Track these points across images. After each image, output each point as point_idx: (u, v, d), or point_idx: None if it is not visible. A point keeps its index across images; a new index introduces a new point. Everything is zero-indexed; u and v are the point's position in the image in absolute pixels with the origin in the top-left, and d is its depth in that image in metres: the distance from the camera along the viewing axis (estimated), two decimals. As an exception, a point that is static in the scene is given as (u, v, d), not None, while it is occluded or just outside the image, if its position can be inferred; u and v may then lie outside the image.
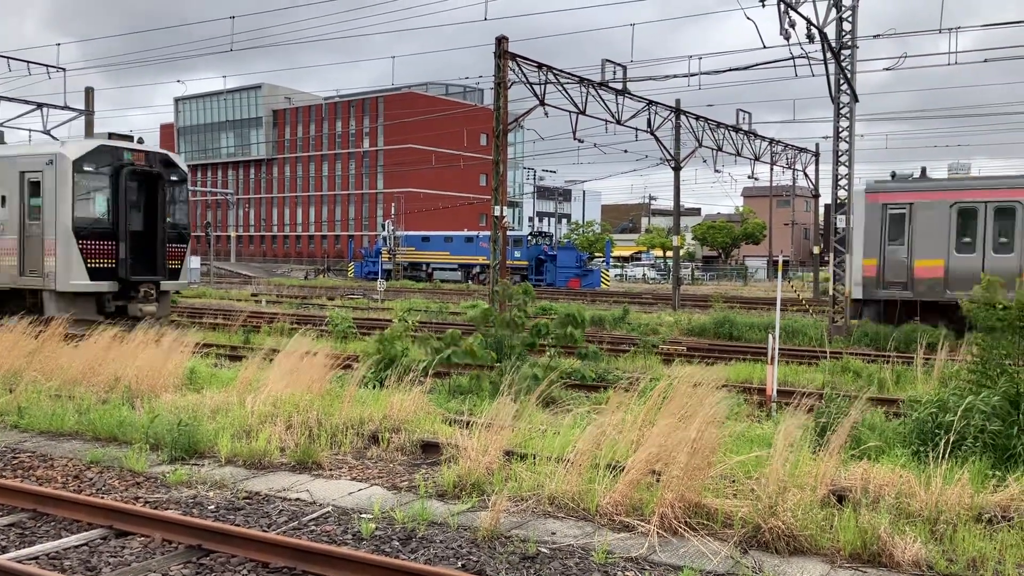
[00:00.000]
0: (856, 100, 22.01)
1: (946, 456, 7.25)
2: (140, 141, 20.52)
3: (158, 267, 20.13)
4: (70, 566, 5.93)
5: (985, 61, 25.55)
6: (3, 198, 19.79)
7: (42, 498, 7.14)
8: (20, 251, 19.42)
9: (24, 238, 19.37)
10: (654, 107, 31.12)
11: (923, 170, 22.61)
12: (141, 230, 19.97)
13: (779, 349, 11.23)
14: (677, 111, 33.76)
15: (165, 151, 20.98)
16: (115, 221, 19.44)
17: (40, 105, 30.28)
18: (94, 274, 19.14)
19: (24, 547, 6.28)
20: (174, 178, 20.68)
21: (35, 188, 19.35)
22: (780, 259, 11.32)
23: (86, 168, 19.18)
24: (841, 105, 22.08)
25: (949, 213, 20.31)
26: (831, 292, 21.69)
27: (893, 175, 22.05)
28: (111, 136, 19.97)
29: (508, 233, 29.29)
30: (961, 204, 20.08)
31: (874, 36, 26.41)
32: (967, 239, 20.33)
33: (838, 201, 22.72)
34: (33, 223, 19.34)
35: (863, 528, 6.16)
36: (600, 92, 27.90)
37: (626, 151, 37.75)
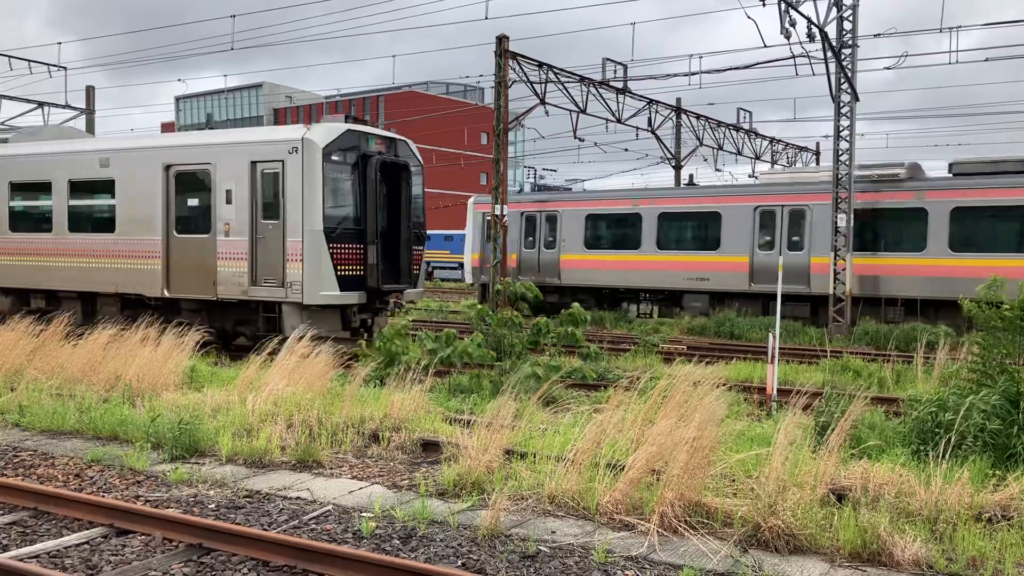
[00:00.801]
0: (857, 99, 22.00)
1: (946, 455, 7.25)
2: (366, 123, 17.22)
3: (403, 273, 16.77)
4: (71, 564, 5.94)
5: (986, 60, 25.54)
6: (228, 192, 16.16)
7: (43, 496, 7.15)
8: (251, 256, 15.86)
9: (256, 240, 15.79)
10: (655, 106, 31.12)
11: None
12: (385, 230, 16.65)
13: (779, 348, 11.22)
14: (678, 110, 33.75)
15: (404, 137, 17.75)
16: (363, 220, 15.99)
17: (41, 104, 30.30)
18: (343, 283, 15.65)
19: (25, 545, 6.30)
20: (414, 169, 17.38)
21: (271, 181, 15.77)
22: (780, 259, 11.31)
23: (334, 158, 15.76)
24: (842, 104, 22.07)
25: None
26: (831, 291, 21.69)
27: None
28: (347, 119, 16.54)
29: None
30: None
31: (875, 35, 26.37)
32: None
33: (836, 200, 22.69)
34: (269, 222, 15.73)
35: (863, 527, 6.17)
36: (601, 91, 27.90)
37: (627, 150, 37.74)
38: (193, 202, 16.82)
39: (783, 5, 20.69)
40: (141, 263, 17.18)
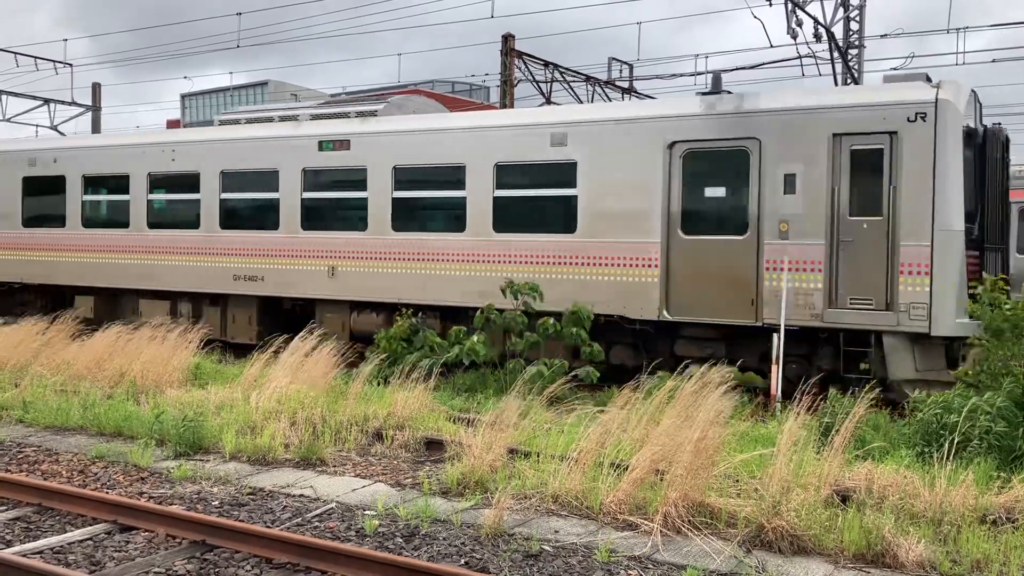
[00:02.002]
0: (863, 100, 21.94)
1: (951, 457, 7.23)
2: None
3: None
4: (75, 560, 5.95)
5: (993, 61, 25.46)
6: (787, 178, 11.60)
7: (47, 492, 7.16)
8: (830, 266, 11.32)
9: (838, 244, 11.31)
10: (660, 106, 31.04)
11: None
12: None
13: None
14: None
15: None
16: (982, 218, 11.67)
17: (47, 101, 30.33)
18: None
19: (29, 541, 6.31)
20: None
21: (870, 160, 11.21)
22: (785, 259, 11.26)
23: (965, 129, 11.32)
24: (848, 105, 22.01)
25: None
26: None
27: None
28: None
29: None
30: None
31: (881, 36, 26.37)
32: None
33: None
34: (862, 219, 11.23)
35: (867, 528, 6.15)
36: (606, 90, 27.87)
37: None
38: (712, 192, 12.31)
39: (790, 5, 20.65)
40: (622, 274, 12.55)
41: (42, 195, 18.19)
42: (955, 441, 7.55)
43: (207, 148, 15.93)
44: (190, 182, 16.08)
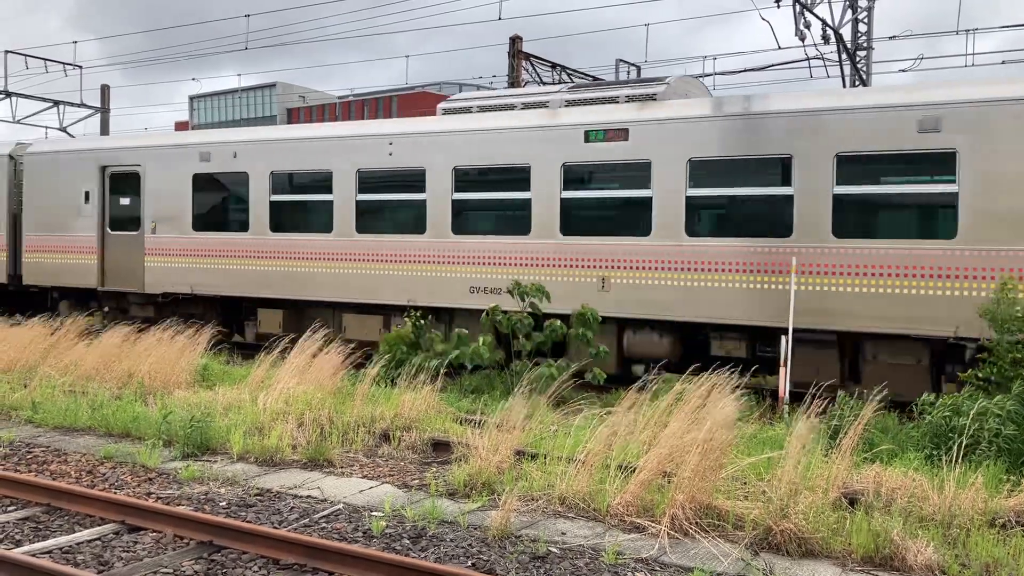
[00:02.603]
0: (871, 101, 21.88)
1: (960, 460, 7.20)
2: None
3: None
4: (83, 560, 5.96)
5: (1003, 63, 25.39)
6: None
7: (56, 492, 7.19)
8: None
9: None
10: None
11: None
12: None
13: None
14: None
15: None
16: None
17: (57, 102, 30.46)
18: None
19: (38, 541, 6.33)
20: None
21: None
22: (794, 259, 11.23)
23: None
24: (856, 106, 21.95)
25: None
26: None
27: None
28: None
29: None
30: None
31: (890, 37, 26.30)
32: None
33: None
34: None
35: (875, 531, 6.13)
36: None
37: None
38: None
39: (798, 7, 20.62)
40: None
41: (218, 195, 16.13)
42: (964, 444, 7.52)
43: (434, 140, 13.79)
44: (412, 180, 14.00)
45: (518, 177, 13.13)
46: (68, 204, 17.60)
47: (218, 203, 16.21)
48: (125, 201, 17.05)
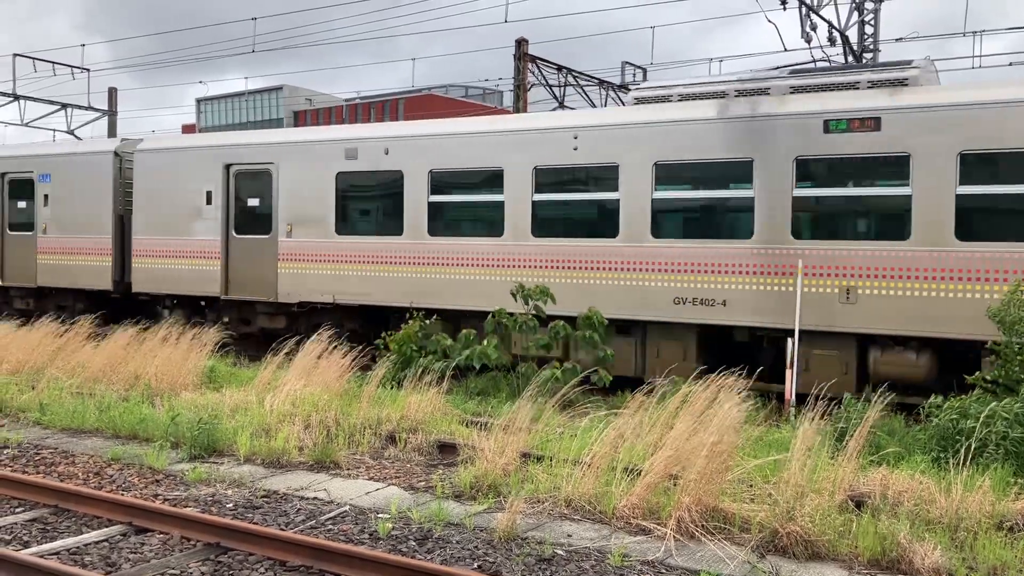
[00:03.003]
0: (878, 104, 21.82)
1: (967, 463, 7.18)
2: None
3: None
4: (90, 562, 5.98)
5: (1010, 64, 25.33)
6: None
7: (64, 494, 7.21)
8: None
9: None
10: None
11: None
12: None
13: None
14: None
15: None
16: None
17: (64, 105, 30.58)
18: None
19: (46, 542, 6.35)
20: None
21: None
22: (800, 263, 11.21)
23: None
24: (863, 109, 21.92)
25: None
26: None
27: None
28: None
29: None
30: None
31: (896, 39, 26.18)
32: None
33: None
34: None
35: (882, 534, 6.12)
36: (620, 94, 27.85)
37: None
38: None
39: (804, 9, 20.59)
40: None
41: (366, 195, 14.66)
42: (971, 447, 7.49)
43: (629, 133, 12.39)
44: (602, 177, 12.68)
45: (736, 173, 11.69)
46: (186, 205, 16.13)
47: (366, 204, 14.73)
48: (253, 202, 15.59)
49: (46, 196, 18.19)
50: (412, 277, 13.88)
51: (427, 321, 13.04)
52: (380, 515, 7.03)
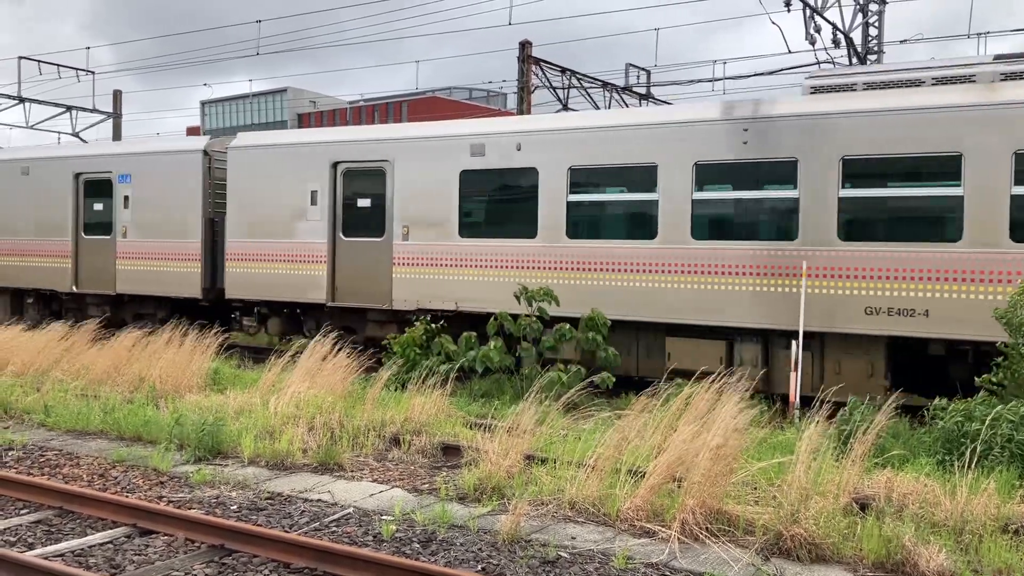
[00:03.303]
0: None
1: (972, 466, 7.16)
2: None
3: None
4: (95, 563, 5.99)
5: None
6: None
7: (68, 496, 7.23)
8: None
9: None
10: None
11: None
12: None
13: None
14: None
15: None
16: None
17: (69, 108, 30.67)
18: None
19: (51, 544, 6.36)
20: None
21: None
22: (804, 265, 11.19)
23: None
24: (867, 111, 21.89)
25: None
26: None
27: None
28: None
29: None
30: None
31: (901, 41, 26.17)
32: None
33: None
34: None
35: (887, 537, 6.10)
36: (624, 96, 27.86)
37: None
38: None
39: (808, 11, 20.59)
40: None
41: (494, 194, 13.64)
42: (977, 449, 7.47)
43: (807, 125, 11.37)
44: (775, 173, 11.59)
45: (940, 170, 10.66)
46: (287, 206, 15.08)
47: (494, 204, 13.67)
48: (364, 203, 14.64)
49: (126, 197, 17.12)
50: (546, 283, 12.69)
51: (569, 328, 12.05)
52: (384, 517, 7.03)
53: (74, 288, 17.79)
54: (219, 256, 16.21)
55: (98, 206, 17.68)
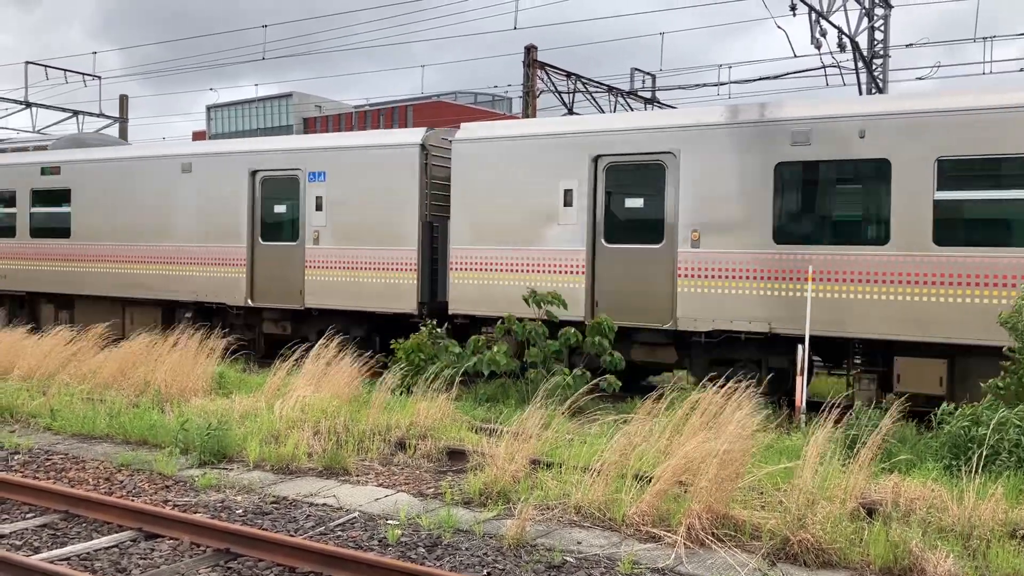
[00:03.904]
0: (888, 110, 21.75)
1: (979, 470, 7.13)
2: None
3: None
4: (100, 567, 5.99)
5: (1021, 70, 25.22)
6: None
7: (74, 500, 7.24)
8: None
9: None
10: (683, 116, 30.93)
11: None
12: None
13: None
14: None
15: None
16: None
17: (76, 112, 30.77)
18: None
19: (56, 548, 6.37)
20: None
21: None
22: (810, 268, 11.16)
23: None
24: (873, 115, 21.86)
25: None
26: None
27: None
28: None
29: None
30: None
31: (907, 45, 26.14)
32: None
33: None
34: None
35: (894, 542, 6.08)
36: (629, 101, 27.86)
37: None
38: None
39: (813, 15, 20.57)
40: None
41: (822, 193, 11.55)
42: (984, 454, 7.44)
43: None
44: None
45: None
46: (531, 208, 13.07)
47: (823, 205, 11.53)
48: (634, 203, 12.66)
49: (319, 198, 14.88)
50: (904, 301, 10.57)
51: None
52: (389, 521, 7.02)
53: (249, 301, 15.60)
54: (438, 265, 14.26)
55: (280, 208, 15.52)
